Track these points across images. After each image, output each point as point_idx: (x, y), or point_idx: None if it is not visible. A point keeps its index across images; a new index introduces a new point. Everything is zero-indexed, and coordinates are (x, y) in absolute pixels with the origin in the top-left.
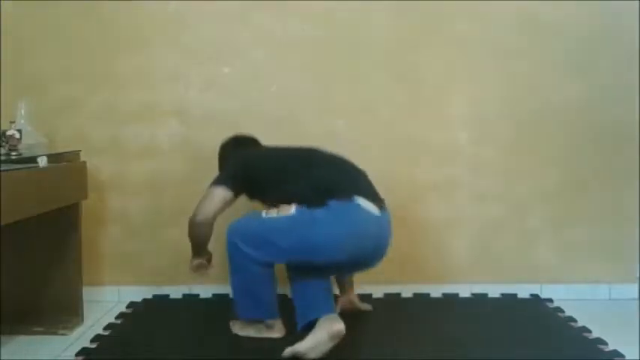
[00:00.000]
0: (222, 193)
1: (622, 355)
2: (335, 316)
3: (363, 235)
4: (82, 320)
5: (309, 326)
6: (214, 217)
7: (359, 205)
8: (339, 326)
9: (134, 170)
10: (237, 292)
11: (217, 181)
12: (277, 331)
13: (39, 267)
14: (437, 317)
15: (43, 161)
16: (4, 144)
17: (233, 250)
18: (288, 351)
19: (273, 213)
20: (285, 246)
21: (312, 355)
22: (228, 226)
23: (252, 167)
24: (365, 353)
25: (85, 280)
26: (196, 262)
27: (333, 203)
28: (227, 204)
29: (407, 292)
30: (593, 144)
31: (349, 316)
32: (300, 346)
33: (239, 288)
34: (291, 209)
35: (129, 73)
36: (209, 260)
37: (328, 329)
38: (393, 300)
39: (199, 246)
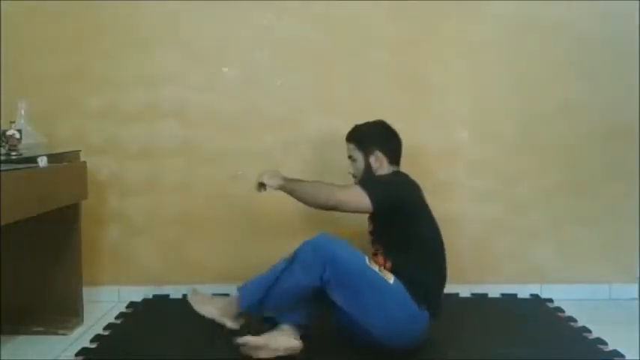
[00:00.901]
0: (366, 204)
1: (622, 355)
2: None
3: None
4: (82, 320)
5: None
6: (335, 209)
7: (428, 327)
8: (296, 344)
9: (134, 170)
10: (276, 289)
11: (374, 192)
12: (233, 323)
13: (39, 267)
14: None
15: (43, 161)
16: (4, 144)
17: (320, 269)
18: (244, 340)
19: (375, 266)
20: (365, 302)
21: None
22: (326, 241)
23: (410, 215)
24: (364, 353)
25: (85, 280)
26: (270, 182)
27: (426, 314)
28: (359, 211)
29: None
30: (594, 144)
31: None
32: (255, 340)
33: (281, 288)
34: (391, 278)
35: (129, 73)
36: (265, 186)
37: (287, 343)
38: None
39: (302, 193)
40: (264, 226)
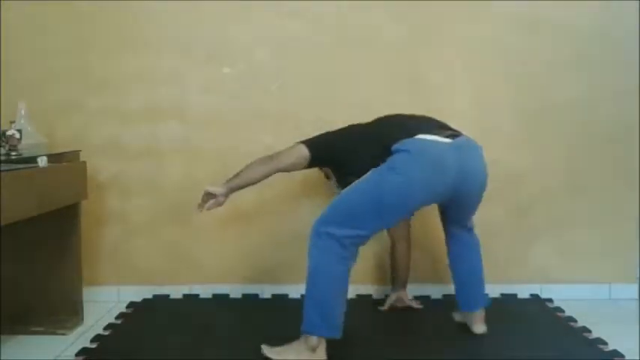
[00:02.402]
0: (304, 156)
1: (622, 355)
2: (322, 346)
3: (435, 164)
4: (82, 320)
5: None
6: (281, 170)
7: (421, 138)
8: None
9: (134, 170)
10: (311, 300)
11: (306, 143)
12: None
13: (39, 267)
14: (437, 317)
15: (43, 161)
16: (4, 144)
17: (318, 239)
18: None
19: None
20: (369, 208)
21: None
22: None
23: (333, 140)
24: (364, 353)
25: (85, 280)
26: (216, 190)
27: (394, 149)
28: (299, 167)
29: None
30: (594, 144)
31: (348, 316)
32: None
33: (314, 296)
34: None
35: (129, 73)
36: (218, 204)
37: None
38: None
39: (242, 177)
40: (264, 226)
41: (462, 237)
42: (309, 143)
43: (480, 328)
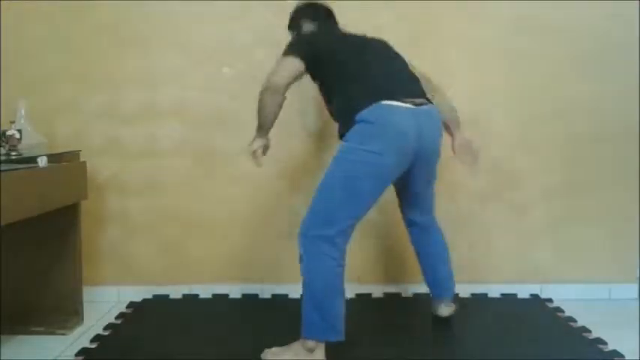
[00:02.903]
0: (293, 61)
1: (622, 355)
2: (321, 347)
3: (396, 132)
4: (82, 320)
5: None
6: (285, 87)
7: (384, 105)
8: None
9: (134, 170)
10: (310, 303)
11: (286, 51)
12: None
13: (39, 267)
14: (437, 317)
15: (43, 161)
16: (4, 144)
17: (308, 243)
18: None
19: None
20: (342, 198)
21: None
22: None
23: (317, 45)
24: (364, 353)
25: (85, 280)
26: (256, 145)
27: (358, 118)
28: (298, 73)
29: (407, 292)
30: (594, 144)
31: (348, 316)
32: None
33: (311, 297)
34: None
35: (129, 73)
36: (266, 148)
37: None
38: (393, 300)
39: (264, 120)
40: (264, 226)
41: (421, 222)
42: (302, 55)
43: (445, 310)
